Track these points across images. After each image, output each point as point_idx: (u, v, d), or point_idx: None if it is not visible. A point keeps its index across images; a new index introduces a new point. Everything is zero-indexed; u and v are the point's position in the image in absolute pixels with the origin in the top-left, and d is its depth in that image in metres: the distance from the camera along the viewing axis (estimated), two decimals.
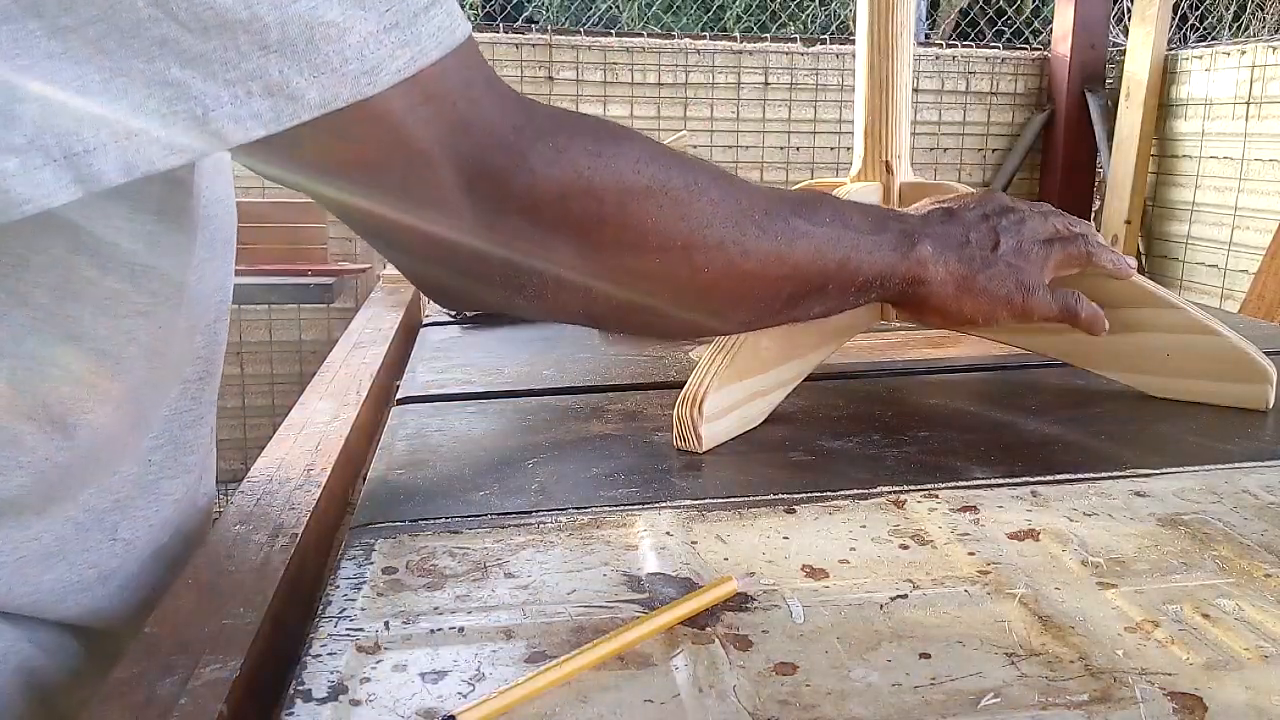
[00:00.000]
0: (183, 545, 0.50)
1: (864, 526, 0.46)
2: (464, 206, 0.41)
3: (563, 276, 0.45)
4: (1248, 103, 2.16)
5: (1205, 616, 0.38)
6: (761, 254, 0.48)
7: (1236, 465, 0.54)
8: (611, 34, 2.35)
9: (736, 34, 2.55)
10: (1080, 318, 0.59)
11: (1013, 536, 0.45)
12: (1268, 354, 0.63)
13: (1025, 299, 0.57)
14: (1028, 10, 3.79)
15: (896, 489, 0.51)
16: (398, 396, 0.70)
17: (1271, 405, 0.62)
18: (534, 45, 2.26)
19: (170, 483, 0.48)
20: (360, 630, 0.37)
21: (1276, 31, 4.41)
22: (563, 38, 2.28)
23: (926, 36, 3.75)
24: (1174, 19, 3.37)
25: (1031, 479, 0.52)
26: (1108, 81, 2.51)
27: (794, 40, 2.41)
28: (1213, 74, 2.24)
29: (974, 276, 0.55)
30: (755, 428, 0.61)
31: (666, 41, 2.33)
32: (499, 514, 0.48)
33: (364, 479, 0.56)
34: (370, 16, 0.35)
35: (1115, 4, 3.00)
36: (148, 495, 0.47)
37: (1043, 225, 0.59)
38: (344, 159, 0.39)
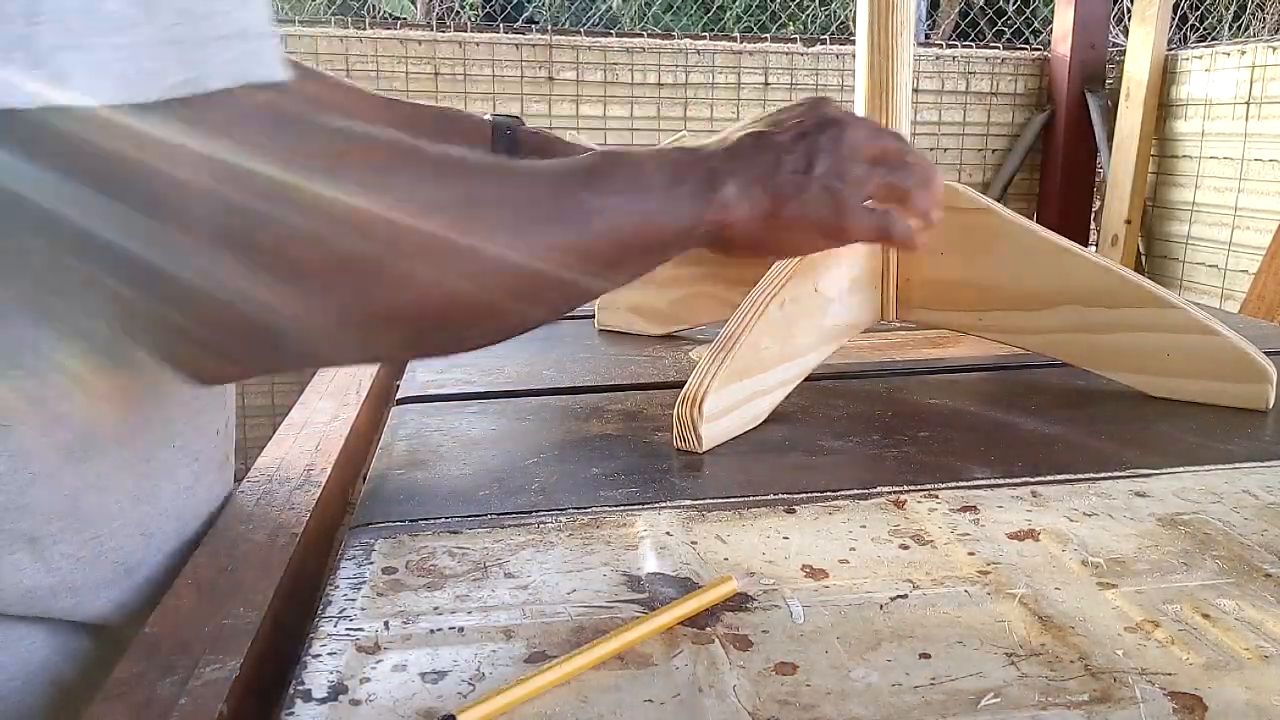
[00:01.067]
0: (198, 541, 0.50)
1: (864, 526, 0.46)
2: (214, 256, 0.36)
3: (330, 329, 0.40)
4: (1248, 103, 2.15)
5: (1205, 616, 0.38)
6: (557, 247, 0.45)
7: (1236, 465, 0.54)
8: (611, 34, 2.35)
9: (736, 34, 2.54)
10: (894, 236, 0.58)
11: (1013, 536, 0.45)
12: (1268, 354, 0.63)
13: (841, 222, 0.55)
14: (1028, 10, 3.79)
15: (896, 489, 0.51)
16: (398, 396, 0.70)
17: (1271, 405, 0.62)
18: (534, 45, 2.25)
19: (206, 477, 0.49)
20: (360, 630, 0.37)
21: (1276, 31, 4.41)
22: (563, 38, 2.28)
23: (926, 36, 3.75)
24: (1174, 19, 3.37)
25: (1031, 479, 0.52)
26: (1108, 81, 2.50)
27: (794, 40, 2.41)
28: (1213, 74, 2.24)
29: (782, 209, 0.54)
30: (755, 428, 0.61)
31: (666, 42, 2.33)
32: (499, 514, 0.48)
33: (364, 479, 0.56)
34: (153, 25, 0.33)
35: (1115, 4, 3.00)
36: (175, 485, 0.47)
37: (869, 140, 0.57)
38: (94, 166, 0.34)
